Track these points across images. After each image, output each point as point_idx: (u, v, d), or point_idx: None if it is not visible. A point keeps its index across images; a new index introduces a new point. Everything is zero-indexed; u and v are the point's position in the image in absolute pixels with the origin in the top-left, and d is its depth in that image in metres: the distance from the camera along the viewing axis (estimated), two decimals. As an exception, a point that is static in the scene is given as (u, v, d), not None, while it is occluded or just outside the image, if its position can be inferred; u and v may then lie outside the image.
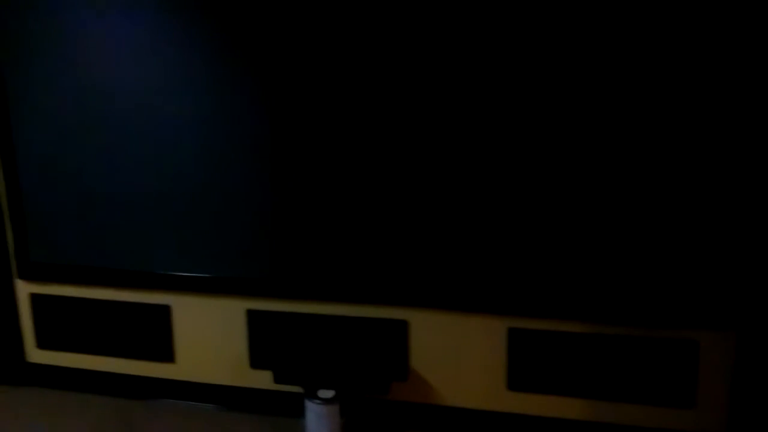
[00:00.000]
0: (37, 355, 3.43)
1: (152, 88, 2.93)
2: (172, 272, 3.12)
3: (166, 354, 3.24)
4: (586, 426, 2.83)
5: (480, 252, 2.77)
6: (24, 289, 3.35)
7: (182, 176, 2.99)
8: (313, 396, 2.86)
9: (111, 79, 2.97)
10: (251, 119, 2.87)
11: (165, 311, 3.19)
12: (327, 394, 2.86)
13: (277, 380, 3.02)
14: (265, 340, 3.08)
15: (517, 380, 2.88)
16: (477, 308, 2.86)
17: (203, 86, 2.88)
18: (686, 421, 2.75)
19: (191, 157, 2.96)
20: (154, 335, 3.23)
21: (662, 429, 2.77)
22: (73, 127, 3.07)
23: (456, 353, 2.93)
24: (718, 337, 2.66)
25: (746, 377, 2.60)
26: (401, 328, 2.94)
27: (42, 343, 3.40)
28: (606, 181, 2.60)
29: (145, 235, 3.10)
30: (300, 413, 2.93)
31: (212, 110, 2.90)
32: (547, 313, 2.78)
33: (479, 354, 2.90)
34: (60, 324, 3.34)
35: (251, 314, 3.09)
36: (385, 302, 2.94)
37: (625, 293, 2.68)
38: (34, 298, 3.34)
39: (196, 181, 2.98)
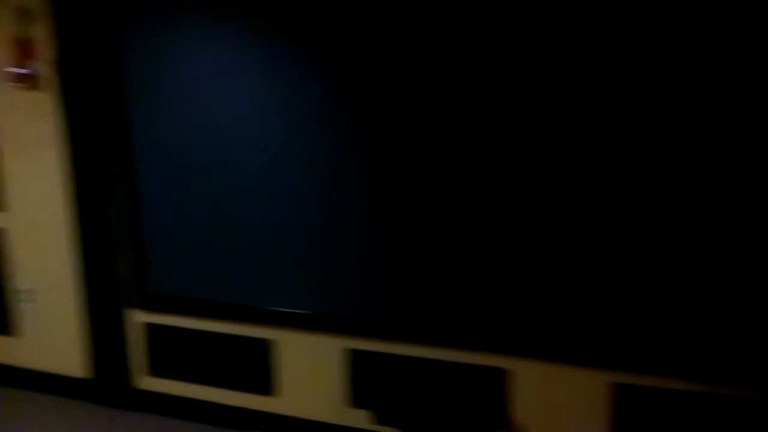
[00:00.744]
0: (147, 382, 3.59)
1: (266, 129, 3.10)
2: (277, 308, 3.23)
3: (267, 387, 3.33)
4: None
5: (587, 304, 2.75)
6: (140, 318, 3.54)
7: (291, 213, 3.12)
8: (411, 439, 2.87)
9: (229, 121, 3.16)
10: (362, 158, 2.98)
11: (268, 345, 3.30)
12: (425, 438, 2.87)
13: (375, 421, 3.04)
14: (364, 379, 3.13)
15: (621, 438, 2.80)
16: (582, 361, 2.81)
17: (315, 125, 3.02)
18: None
19: (300, 195, 3.09)
20: (256, 368, 3.34)
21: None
22: (192, 166, 3.26)
23: (558, 405, 2.87)
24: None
25: None
26: (503, 376, 2.92)
27: (153, 371, 3.56)
28: (728, 232, 2.54)
29: (254, 270, 3.24)
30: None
31: (323, 149, 3.03)
32: (655, 370, 2.70)
33: (582, 407, 2.84)
34: (170, 353, 3.51)
35: (351, 353, 3.15)
36: (488, 349, 2.93)
37: (742, 352, 2.59)
38: (149, 328, 3.52)
39: (304, 218, 3.11)
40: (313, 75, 2.99)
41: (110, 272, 3.51)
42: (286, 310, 3.22)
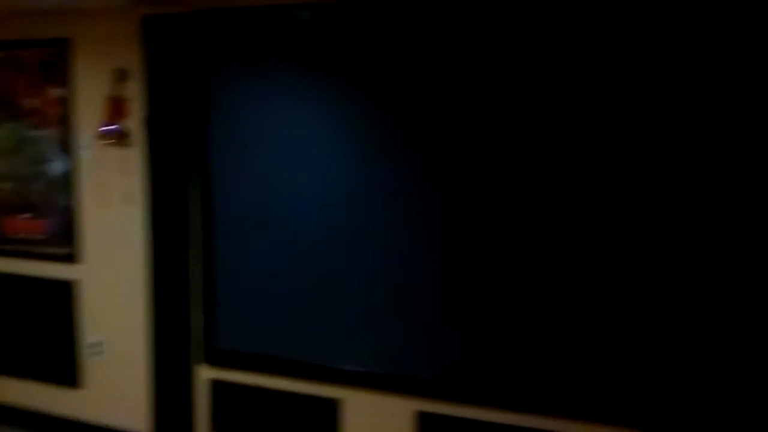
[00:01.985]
0: (211, 439, 3.56)
1: (343, 192, 3.17)
2: (345, 367, 3.22)
3: (333, 449, 3.26)
4: None
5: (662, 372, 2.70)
6: (206, 374, 3.53)
7: (363, 274, 3.15)
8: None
9: (306, 183, 3.23)
10: (441, 222, 3.01)
11: (335, 405, 3.26)
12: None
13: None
14: (434, 444, 3.06)
15: None
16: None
17: (384, 185, 3.09)
18: None
19: (374, 256, 3.13)
20: (322, 428, 3.27)
21: None
22: (266, 225, 3.32)
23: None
24: None
25: None
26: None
27: (217, 427, 3.51)
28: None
29: (323, 327, 3.25)
30: None
31: (398, 211, 3.08)
32: None
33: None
34: (235, 409, 3.46)
35: (421, 416, 3.09)
36: (561, 414, 2.88)
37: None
38: (215, 384, 3.51)
39: (376, 280, 3.13)
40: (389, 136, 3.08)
41: (182, 327, 3.53)
42: (356, 369, 3.19)
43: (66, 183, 3.74)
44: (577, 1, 2.70)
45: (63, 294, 3.82)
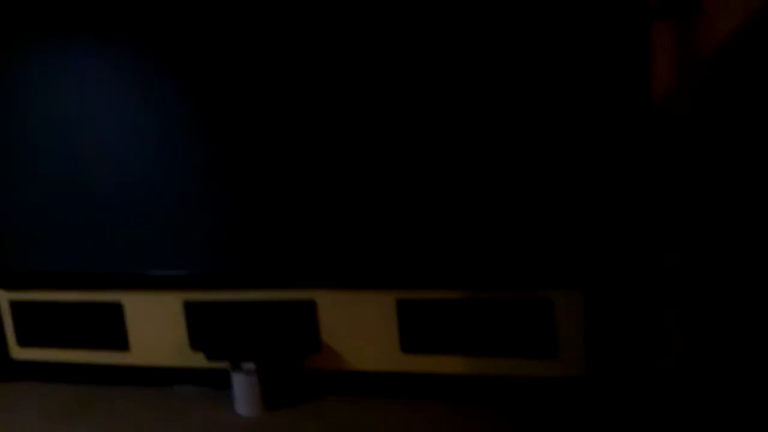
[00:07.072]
0: (19, 352, 4.00)
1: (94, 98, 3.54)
2: (122, 272, 3.67)
3: (122, 343, 3.77)
4: (470, 379, 3.27)
5: (370, 235, 3.27)
6: (4, 297, 3.92)
7: (124, 182, 3.57)
8: (237, 369, 3.35)
9: (70, 117, 3.59)
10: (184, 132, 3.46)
11: (118, 308, 3.73)
12: (249, 367, 3.35)
13: (209, 358, 3.51)
14: (199, 325, 3.60)
15: (408, 344, 3.33)
16: (370, 285, 3.33)
17: (139, 96, 3.47)
18: (553, 370, 3.16)
19: (128, 160, 3.55)
20: (111, 329, 3.77)
21: (534, 377, 3.19)
22: (34, 155, 3.68)
23: (358, 325, 3.40)
24: (568, 295, 3.08)
25: (595, 328, 2.99)
26: (311, 307, 3.43)
27: (22, 342, 3.96)
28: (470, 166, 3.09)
29: (97, 240, 3.67)
30: (229, 385, 3.44)
31: (147, 116, 3.49)
32: (427, 284, 3.24)
33: (376, 324, 3.37)
34: (34, 324, 3.90)
35: (187, 305, 3.61)
36: (296, 285, 3.44)
37: (490, 262, 3.12)
38: (13, 305, 3.91)
39: (135, 186, 3.57)
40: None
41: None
42: (130, 273, 3.64)
43: None
44: None
45: None
